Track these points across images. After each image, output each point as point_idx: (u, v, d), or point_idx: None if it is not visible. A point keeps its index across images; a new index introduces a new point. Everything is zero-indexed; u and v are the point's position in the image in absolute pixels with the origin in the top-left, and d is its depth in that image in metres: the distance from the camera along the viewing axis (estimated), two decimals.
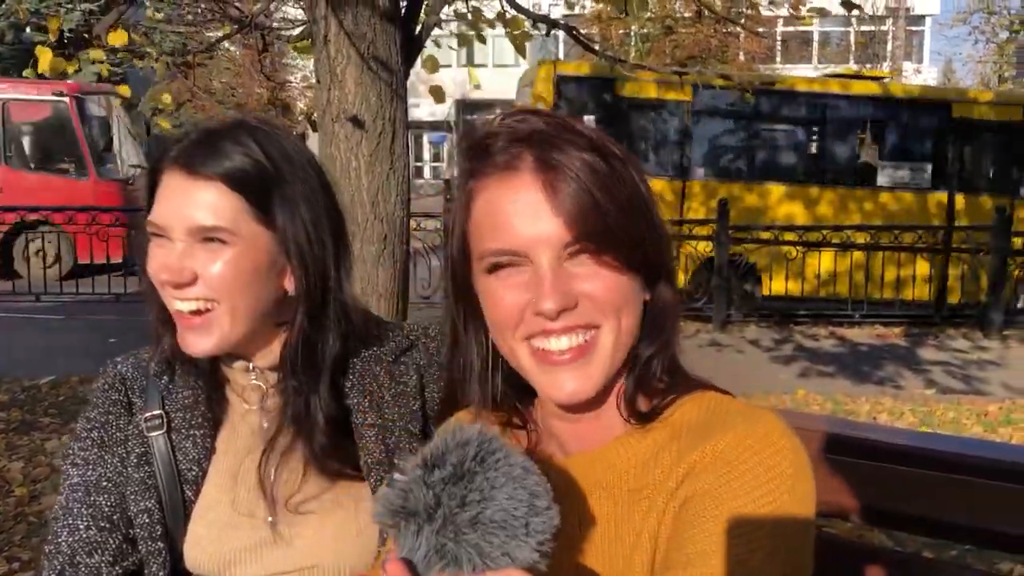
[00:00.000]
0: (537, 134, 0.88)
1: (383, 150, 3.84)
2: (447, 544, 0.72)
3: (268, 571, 1.16)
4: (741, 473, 0.84)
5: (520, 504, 0.72)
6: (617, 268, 0.88)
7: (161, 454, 1.19)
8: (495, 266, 0.89)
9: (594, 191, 0.86)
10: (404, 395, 1.23)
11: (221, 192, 1.10)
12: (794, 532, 0.84)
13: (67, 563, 1.14)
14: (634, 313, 0.91)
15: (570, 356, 0.88)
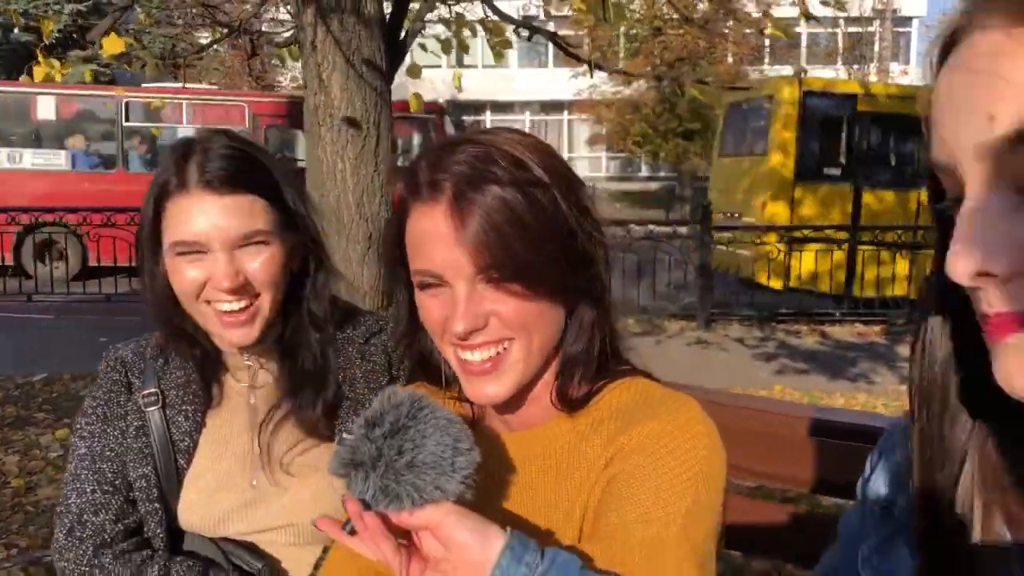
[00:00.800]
0: (461, 168, 0.96)
1: (368, 153, 3.98)
2: (390, 485, 0.87)
3: (253, 528, 1.31)
4: (662, 456, 0.97)
5: (446, 448, 0.88)
6: (526, 292, 0.97)
7: (157, 427, 1.33)
8: (423, 284, 1.00)
9: (502, 226, 0.94)
10: (373, 372, 1.38)
11: (251, 199, 1.25)
12: (705, 508, 0.97)
13: (75, 521, 1.29)
14: (547, 327, 1.01)
15: (486, 367, 1.00)
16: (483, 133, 1.01)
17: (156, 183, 1.26)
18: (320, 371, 1.34)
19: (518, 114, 34.18)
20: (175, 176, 1.24)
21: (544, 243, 0.96)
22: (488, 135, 1.01)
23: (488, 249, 0.94)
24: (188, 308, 1.27)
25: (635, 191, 29.91)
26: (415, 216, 0.99)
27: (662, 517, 0.95)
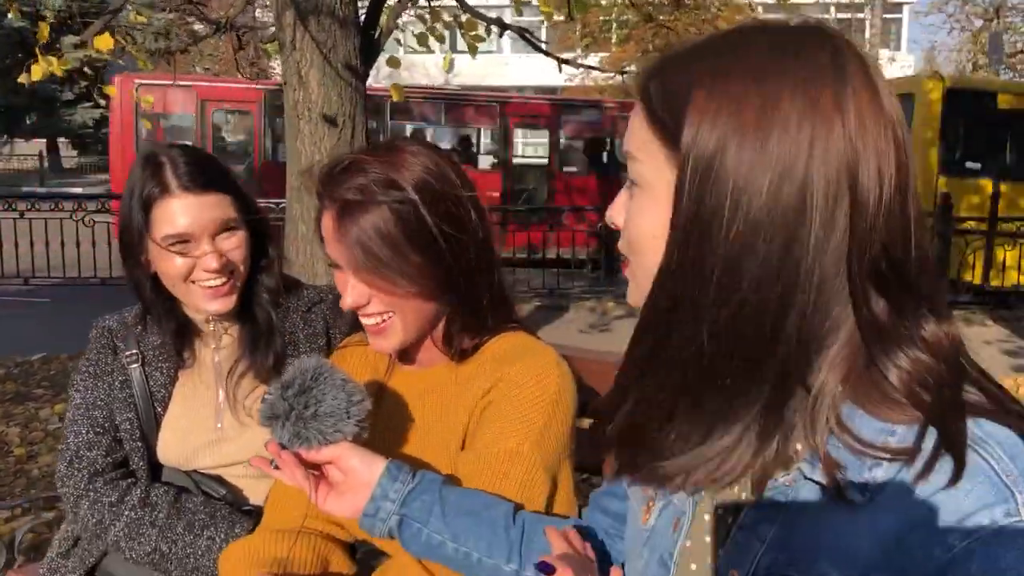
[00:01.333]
0: (345, 195, 1.25)
1: (343, 144, 4.27)
2: (300, 431, 1.17)
3: (218, 463, 1.62)
4: (521, 390, 1.29)
5: (342, 401, 1.18)
6: (392, 282, 1.26)
7: (137, 381, 1.63)
8: (333, 264, 1.30)
9: (370, 241, 1.23)
10: (314, 334, 1.70)
11: (220, 197, 1.56)
12: (555, 433, 1.29)
13: (73, 456, 1.59)
14: (418, 304, 1.30)
15: (376, 329, 1.32)
16: (379, 155, 1.29)
17: (137, 193, 1.55)
18: (272, 332, 1.65)
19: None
20: (156, 185, 1.53)
21: (405, 247, 1.25)
22: (382, 157, 1.29)
23: (360, 254, 1.24)
24: (175, 288, 1.57)
25: None
26: (323, 216, 1.30)
27: (519, 434, 1.26)
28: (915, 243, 0.74)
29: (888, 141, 0.72)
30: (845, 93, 0.71)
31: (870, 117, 0.72)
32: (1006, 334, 8.60)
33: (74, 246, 8.89)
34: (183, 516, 1.54)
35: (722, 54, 0.75)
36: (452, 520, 1.16)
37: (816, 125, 0.71)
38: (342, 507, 1.17)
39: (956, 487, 0.67)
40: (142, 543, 1.53)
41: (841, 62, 0.73)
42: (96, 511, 1.55)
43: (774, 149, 0.71)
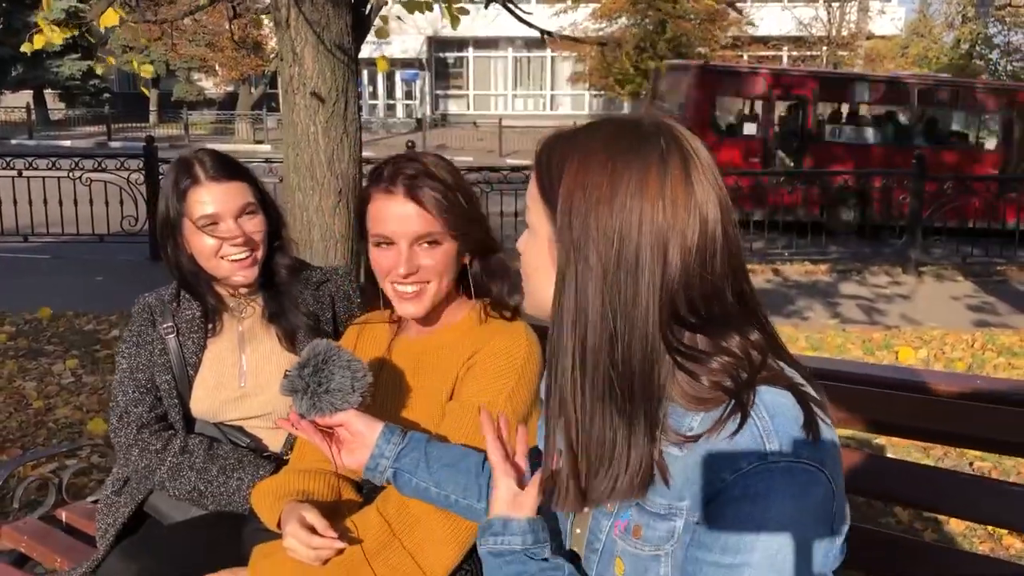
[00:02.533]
0: (410, 174, 1.61)
1: (337, 117, 4.52)
2: (316, 403, 1.49)
3: (242, 416, 1.95)
4: (497, 357, 1.63)
5: (347, 379, 1.49)
6: (440, 253, 1.63)
7: (173, 349, 1.95)
8: (377, 243, 1.65)
9: (431, 212, 1.60)
10: (322, 308, 2.03)
11: (240, 185, 1.90)
12: (523, 391, 1.62)
13: (123, 412, 1.92)
14: (451, 273, 1.67)
15: (412, 296, 1.65)
16: (419, 155, 1.68)
17: (174, 186, 1.88)
18: (288, 305, 1.97)
19: (501, 51, 34.18)
20: (188, 177, 1.87)
21: (453, 223, 1.63)
22: (422, 157, 1.67)
23: (425, 224, 1.60)
24: (208, 263, 1.90)
25: None
26: (376, 201, 1.65)
27: (494, 391, 1.60)
28: (731, 287, 1.03)
29: (695, 219, 0.99)
30: (665, 183, 0.99)
31: (681, 202, 0.99)
32: (973, 289, 8.97)
33: (72, 204, 9.11)
34: (216, 461, 1.88)
35: (589, 144, 1.04)
36: (435, 470, 1.49)
37: (643, 206, 0.99)
38: (350, 461, 1.51)
39: (732, 440, 0.98)
40: (183, 483, 1.86)
41: (666, 157, 1.00)
42: (144, 457, 1.88)
43: (616, 220, 1.00)
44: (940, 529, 3.49)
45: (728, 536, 0.98)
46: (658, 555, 1.06)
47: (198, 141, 25.54)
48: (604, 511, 1.14)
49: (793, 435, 0.98)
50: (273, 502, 1.64)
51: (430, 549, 1.53)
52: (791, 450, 0.97)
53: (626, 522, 1.10)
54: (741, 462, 0.98)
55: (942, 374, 1.82)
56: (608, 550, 1.13)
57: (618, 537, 1.11)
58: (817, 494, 0.99)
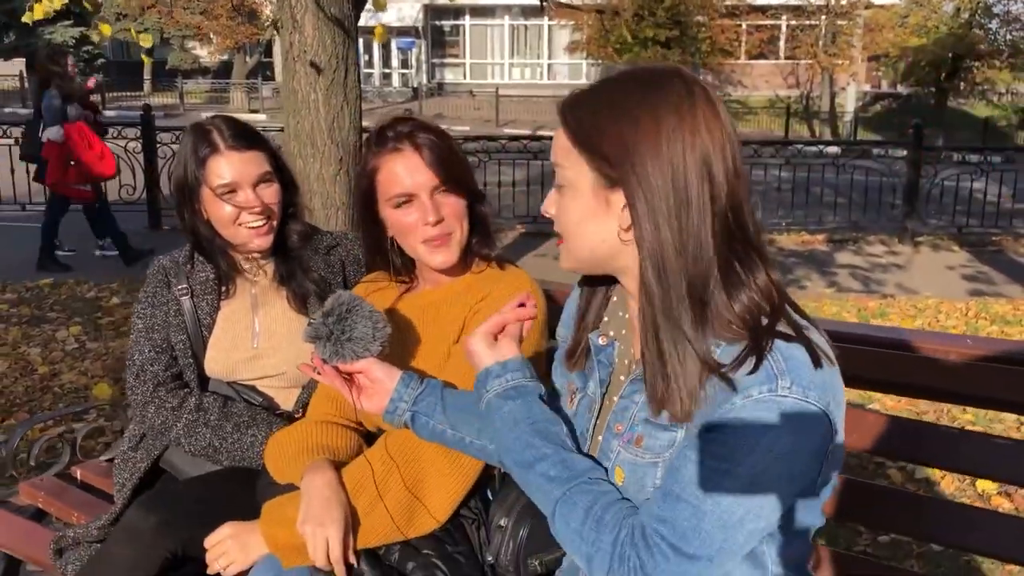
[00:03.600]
0: (412, 130, 1.69)
1: (337, 85, 4.54)
2: (339, 350, 1.55)
3: (255, 376, 2.00)
4: (503, 302, 1.64)
5: (369, 328, 1.56)
6: (458, 199, 1.72)
7: (188, 309, 2.00)
8: (398, 203, 1.70)
9: (442, 158, 1.68)
10: (333, 272, 2.08)
11: (258, 154, 1.94)
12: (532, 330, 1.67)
13: (139, 370, 1.97)
14: (467, 220, 1.75)
15: (440, 243, 1.72)
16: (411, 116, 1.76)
17: (192, 154, 1.92)
18: (299, 269, 2.03)
19: (498, 19, 33.96)
20: (207, 146, 1.91)
21: (462, 171, 1.73)
22: (415, 118, 1.76)
23: (438, 170, 1.69)
24: (226, 230, 1.95)
25: None
26: (387, 163, 1.71)
27: None
28: (749, 211, 1.11)
29: (725, 141, 1.10)
30: (696, 112, 1.10)
31: (715, 126, 1.10)
32: (969, 259, 9.04)
33: None
34: (231, 418, 1.93)
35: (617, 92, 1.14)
36: (450, 414, 1.55)
37: (684, 135, 1.09)
38: (370, 406, 1.58)
39: (748, 375, 1.06)
40: (198, 439, 1.92)
41: (691, 91, 1.11)
42: (160, 414, 1.94)
43: (666, 151, 1.09)
44: (931, 490, 3.57)
45: (721, 447, 1.06)
46: (656, 462, 1.16)
47: (193, 110, 25.42)
48: (615, 433, 1.23)
49: (804, 378, 1.06)
50: (297, 453, 1.69)
51: (433, 481, 1.60)
52: (800, 390, 1.05)
53: (631, 433, 1.20)
54: (752, 390, 1.05)
55: (933, 334, 1.88)
56: (613, 463, 1.22)
57: (621, 447, 1.21)
58: (816, 435, 1.07)
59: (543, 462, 1.21)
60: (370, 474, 1.62)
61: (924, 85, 27.07)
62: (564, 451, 1.23)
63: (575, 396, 1.36)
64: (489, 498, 1.73)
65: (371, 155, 1.74)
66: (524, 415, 1.26)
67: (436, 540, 1.60)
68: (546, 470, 1.21)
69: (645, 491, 1.16)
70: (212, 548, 1.63)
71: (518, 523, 1.61)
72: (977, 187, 10.11)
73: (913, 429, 1.74)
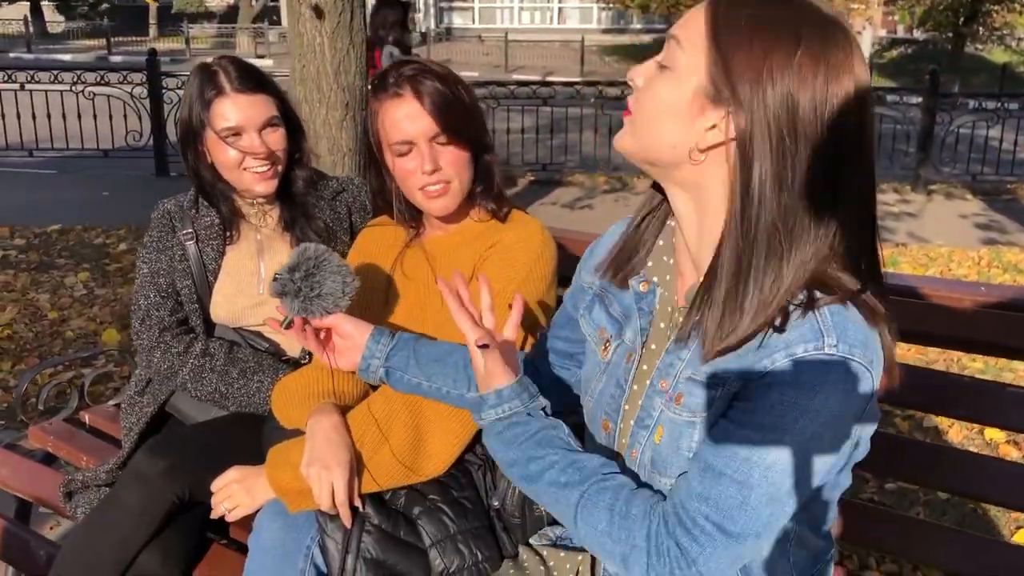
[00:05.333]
0: (412, 75, 1.65)
1: (343, 28, 4.46)
2: (307, 307, 1.52)
3: (260, 321, 1.99)
4: (511, 249, 1.69)
5: (338, 284, 1.52)
6: (459, 146, 1.68)
7: (192, 255, 1.99)
8: (399, 152, 1.67)
9: (443, 105, 1.63)
10: (338, 218, 2.05)
11: (265, 97, 1.90)
12: (535, 281, 1.66)
13: (145, 315, 1.96)
14: (470, 169, 1.72)
15: (438, 191, 1.68)
16: (418, 59, 1.71)
17: (197, 96, 1.88)
18: (305, 215, 2.00)
19: None
20: (213, 87, 1.87)
21: (465, 118, 1.68)
22: (421, 61, 1.71)
23: (438, 119, 1.65)
24: (229, 174, 1.92)
25: (627, 44, 29.68)
26: (388, 109, 1.68)
27: (505, 278, 1.66)
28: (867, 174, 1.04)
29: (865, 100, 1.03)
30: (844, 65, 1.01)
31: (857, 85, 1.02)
32: (982, 208, 8.94)
33: (75, 118, 9.05)
34: (236, 364, 1.93)
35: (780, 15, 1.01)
36: (424, 366, 1.53)
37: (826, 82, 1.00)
38: (343, 363, 1.56)
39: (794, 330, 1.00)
40: (204, 385, 1.92)
41: (850, 43, 1.03)
42: (166, 359, 1.94)
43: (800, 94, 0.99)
44: (939, 438, 3.57)
45: (766, 415, 0.99)
46: (693, 421, 1.09)
47: (199, 55, 25.14)
48: (659, 390, 1.15)
49: (850, 333, 0.99)
50: (304, 399, 1.68)
51: (437, 424, 1.59)
52: (847, 347, 0.99)
53: (673, 392, 1.12)
54: (796, 347, 0.99)
55: (944, 281, 1.85)
56: (657, 422, 1.14)
57: (663, 406, 1.13)
58: (862, 393, 1.01)
59: (551, 470, 1.15)
60: (374, 418, 1.61)
61: (941, 30, 26.50)
62: (571, 453, 1.17)
63: (609, 345, 1.28)
64: None
65: (374, 99, 1.71)
66: (523, 432, 1.21)
67: (442, 485, 1.61)
68: (556, 477, 1.15)
69: (679, 453, 1.09)
70: (218, 492, 1.64)
71: None
72: (993, 134, 9.95)
73: (923, 377, 1.72)
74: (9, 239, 6.42)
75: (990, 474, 1.66)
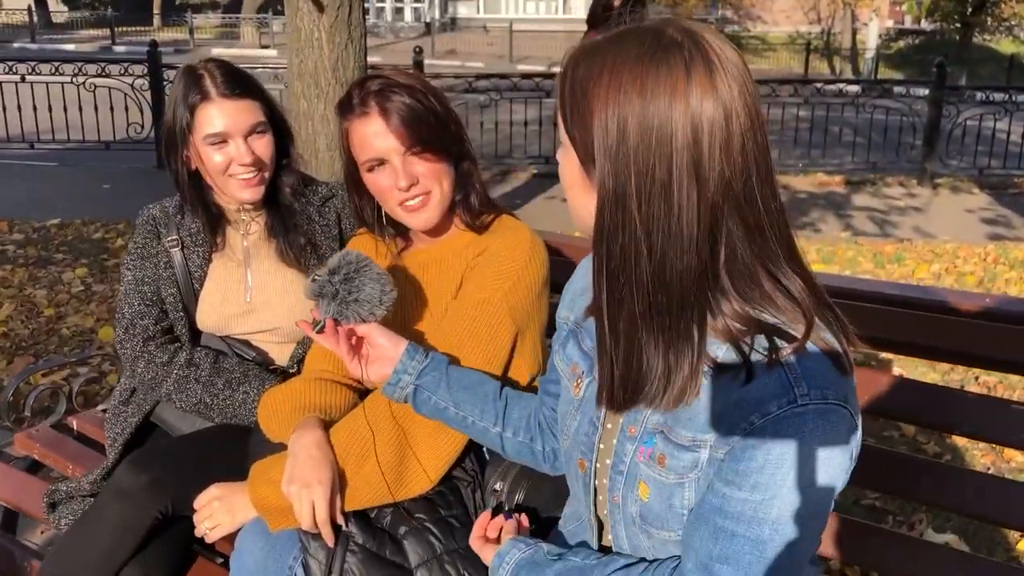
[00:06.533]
0: (376, 91, 1.59)
1: (341, 23, 4.41)
2: (343, 311, 1.48)
3: (248, 330, 1.94)
4: (499, 256, 1.63)
5: (376, 291, 1.49)
6: (435, 157, 1.62)
7: (178, 262, 1.94)
8: (371, 167, 1.62)
9: (410, 119, 1.57)
10: (327, 226, 1.99)
11: (251, 103, 1.85)
12: (523, 290, 1.61)
13: (129, 324, 1.92)
14: (449, 178, 1.66)
15: (418, 205, 1.63)
16: (383, 73, 1.64)
17: (181, 100, 1.83)
18: (293, 221, 1.95)
19: None
20: (198, 92, 1.82)
21: (437, 129, 1.61)
22: (386, 74, 1.63)
23: (406, 133, 1.59)
24: (215, 180, 1.87)
25: None
26: (356, 128, 1.63)
27: (491, 287, 1.61)
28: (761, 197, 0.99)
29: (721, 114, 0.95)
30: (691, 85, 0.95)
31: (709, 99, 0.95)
32: (989, 202, 8.86)
33: (77, 110, 9.00)
34: (222, 374, 1.88)
35: (615, 55, 0.99)
36: (454, 392, 1.50)
37: (673, 106, 0.95)
38: (372, 373, 1.52)
39: (760, 382, 0.97)
40: (189, 396, 1.88)
41: (689, 64, 0.96)
42: (150, 369, 1.89)
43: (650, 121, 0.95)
44: (942, 442, 3.52)
45: (758, 475, 0.99)
46: (682, 482, 1.08)
47: (203, 46, 25.09)
48: (628, 435, 1.14)
49: (820, 375, 0.98)
50: (290, 412, 1.64)
51: (424, 439, 1.55)
52: (819, 391, 0.97)
53: (650, 449, 1.11)
54: (771, 405, 0.97)
55: (952, 292, 1.80)
56: (632, 473, 1.14)
57: (642, 462, 1.12)
58: (844, 431, 0.99)
59: None
60: (359, 433, 1.57)
61: (949, 20, 26.30)
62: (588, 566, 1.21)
63: (581, 381, 1.26)
64: (486, 458, 1.68)
65: (342, 118, 1.66)
66: None
67: (429, 503, 1.56)
68: None
69: (674, 510, 1.10)
70: (200, 510, 1.60)
71: (514, 486, 1.57)
72: (1000, 127, 9.85)
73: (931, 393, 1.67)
74: (7, 234, 6.38)
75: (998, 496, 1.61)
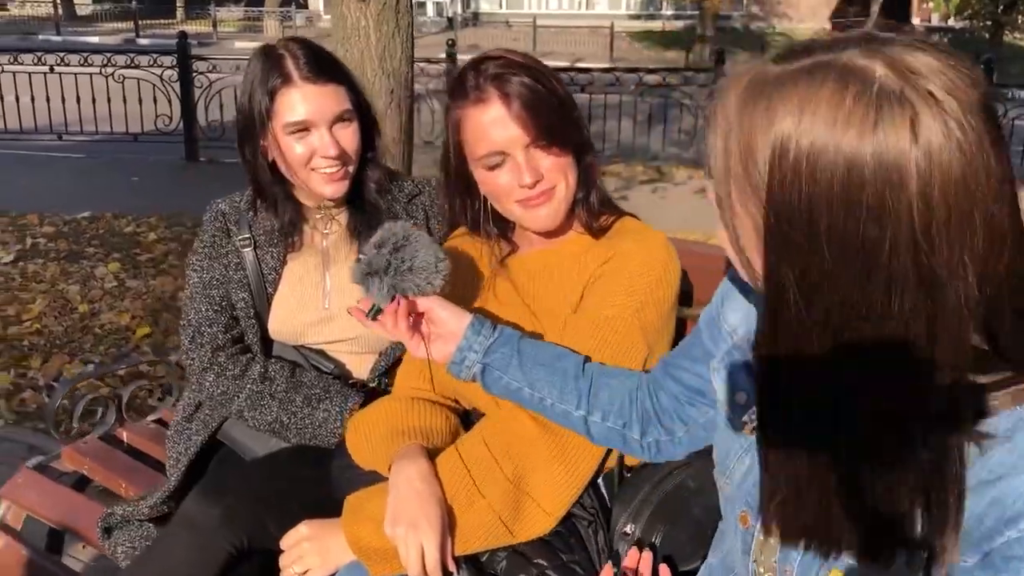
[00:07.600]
0: (495, 74, 1.38)
1: (389, 10, 4.20)
2: (398, 283, 1.31)
3: (325, 340, 1.75)
4: (630, 265, 1.42)
5: (431, 257, 1.31)
6: (559, 150, 1.41)
7: (250, 263, 1.74)
8: (490, 165, 1.41)
9: (535, 105, 1.37)
10: (416, 225, 1.77)
11: (337, 88, 1.64)
12: (656, 303, 1.41)
13: (196, 332, 1.73)
14: (574, 173, 1.45)
15: (541, 200, 1.42)
16: (497, 54, 1.43)
17: (260, 83, 1.62)
18: (378, 220, 1.73)
19: None
20: (279, 76, 1.61)
21: (562, 115, 1.41)
22: (500, 54, 1.42)
23: (532, 122, 1.37)
24: (295, 174, 1.66)
25: (657, 30, 29.22)
26: (470, 116, 1.41)
27: (621, 304, 1.40)
28: None
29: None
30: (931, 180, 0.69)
31: None
32: None
33: (105, 102, 8.86)
34: (300, 390, 1.69)
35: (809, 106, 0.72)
36: (528, 370, 1.32)
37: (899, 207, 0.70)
38: (435, 352, 1.35)
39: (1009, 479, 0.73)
40: (264, 413, 1.68)
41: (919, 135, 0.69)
42: (221, 383, 1.70)
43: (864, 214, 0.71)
44: None
45: None
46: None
47: (226, 39, 24.97)
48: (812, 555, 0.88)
49: None
50: (385, 437, 1.45)
51: (541, 471, 1.35)
52: None
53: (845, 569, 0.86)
54: None
55: None
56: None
57: None
58: None
59: None
60: (465, 465, 1.37)
61: (979, 18, 25.85)
62: None
63: (753, 419, 1.02)
64: (603, 493, 1.48)
65: (453, 105, 1.44)
66: None
67: (547, 546, 1.36)
68: None
69: None
70: (287, 552, 1.40)
71: (649, 529, 1.37)
72: None
73: None
74: (38, 226, 6.23)
75: None
